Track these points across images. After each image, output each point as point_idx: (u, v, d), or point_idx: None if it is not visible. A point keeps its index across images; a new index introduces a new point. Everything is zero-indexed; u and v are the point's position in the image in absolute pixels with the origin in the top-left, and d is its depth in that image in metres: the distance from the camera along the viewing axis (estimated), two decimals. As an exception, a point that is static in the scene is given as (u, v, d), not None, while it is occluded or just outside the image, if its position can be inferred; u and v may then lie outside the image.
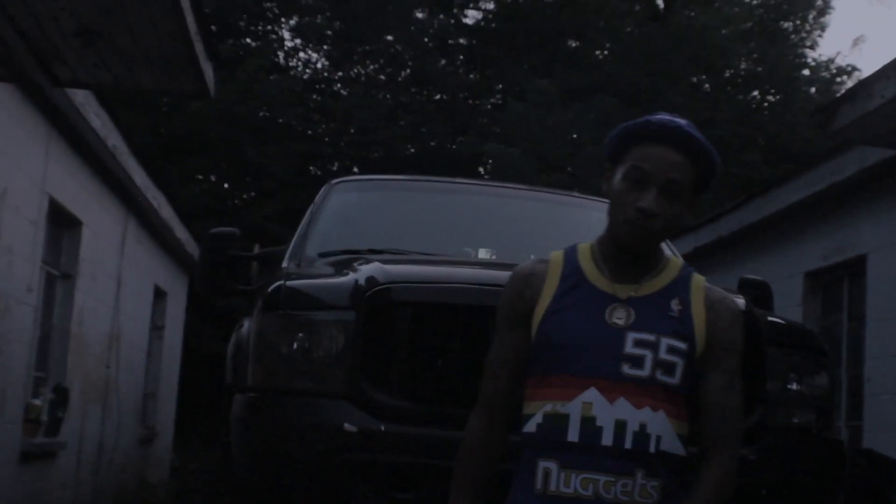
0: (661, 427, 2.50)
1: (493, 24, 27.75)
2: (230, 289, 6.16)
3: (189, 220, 14.91)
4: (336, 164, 26.46)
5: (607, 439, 2.47)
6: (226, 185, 22.04)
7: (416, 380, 4.49)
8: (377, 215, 6.68)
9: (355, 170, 25.65)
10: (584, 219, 6.76)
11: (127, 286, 11.40)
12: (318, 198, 6.85)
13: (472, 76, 28.34)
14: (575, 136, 20.93)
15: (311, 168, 25.53)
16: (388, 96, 26.53)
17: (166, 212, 12.17)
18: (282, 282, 4.87)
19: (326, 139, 25.30)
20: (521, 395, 2.65)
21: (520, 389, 2.65)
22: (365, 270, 4.78)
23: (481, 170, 24.51)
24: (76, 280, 9.44)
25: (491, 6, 28.49)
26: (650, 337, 2.53)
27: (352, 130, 24.82)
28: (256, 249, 11.18)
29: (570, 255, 2.71)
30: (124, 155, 9.79)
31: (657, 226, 2.53)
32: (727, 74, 24.22)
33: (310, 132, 24.09)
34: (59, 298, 9.35)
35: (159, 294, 13.79)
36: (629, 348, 2.52)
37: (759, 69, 23.93)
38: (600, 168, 20.05)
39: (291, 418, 4.51)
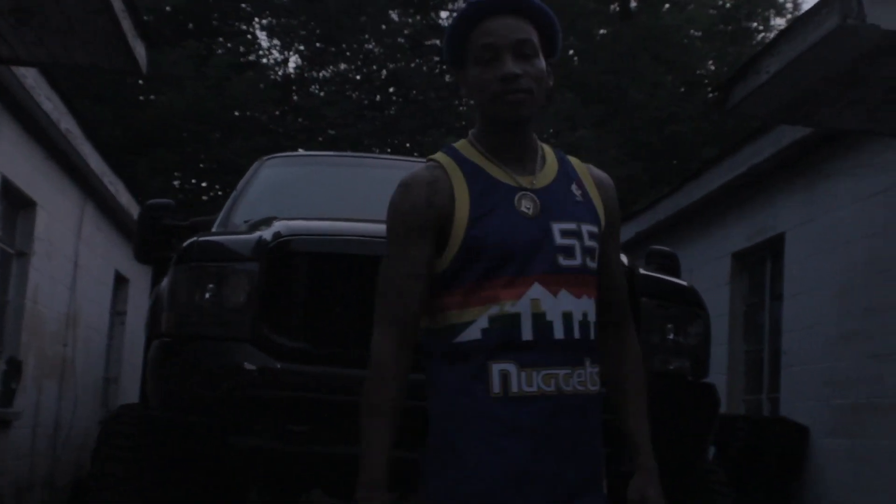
0: (594, 314, 2.51)
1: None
2: (164, 257, 6.51)
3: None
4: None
5: (558, 333, 2.42)
6: (193, 181, 22.31)
7: (311, 323, 4.89)
8: (302, 187, 7.06)
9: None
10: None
11: (85, 269, 11.73)
12: (248, 172, 7.26)
13: (447, 78, 28.67)
14: (537, 129, 21.26)
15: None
16: (361, 95, 26.82)
17: (125, 198, 12.50)
18: (195, 238, 5.30)
19: (299, 136, 25.59)
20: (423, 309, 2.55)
21: (425, 304, 2.54)
22: (273, 227, 5.20)
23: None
24: (31, 259, 9.76)
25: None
26: (572, 226, 2.50)
27: (331, 132, 25.12)
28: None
29: (458, 156, 2.58)
30: (78, 139, 10.12)
31: (525, 85, 2.45)
32: (692, 73, 24.60)
33: (281, 129, 24.36)
34: (14, 275, 9.68)
35: (121, 280, 14.12)
36: (559, 240, 2.48)
37: (725, 69, 24.32)
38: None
39: (199, 360, 4.91)
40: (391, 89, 27.89)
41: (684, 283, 5.70)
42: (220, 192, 22.76)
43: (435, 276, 2.51)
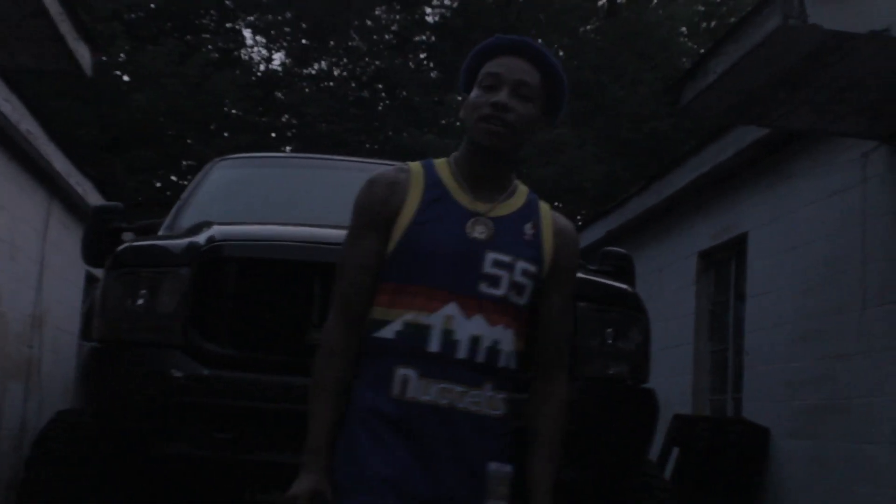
0: (508, 344, 2.70)
1: (451, 23, 28.04)
2: (111, 259, 6.45)
3: (135, 211, 15.13)
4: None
5: (462, 353, 2.62)
6: (173, 178, 22.27)
7: (241, 330, 4.84)
8: (253, 190, 7.00)
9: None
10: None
11: (51, 269, 11.66)
12: (199, 174, 7.19)
13: (432, 74, 28.63)
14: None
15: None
16: (346, 92, 26.78)
17: (94, 198, 12.43)
18: (128, 243, 5.25)
19: (282, 131, 25.55)
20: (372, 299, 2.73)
21: (373, 294, 2.73)
22: (207, 231, 5.15)
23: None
24: (-8, 260, 9.73)
25: (448, 1, 28.81)
26: (507, 258, 2.69)
27: (305, 123, 25.07)
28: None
29: (429, 168, 2.82)
30: (41, 140, 10.06)
31: (510, 119, 2.67)
32: (673, 70, 24.56)
33: (261, 123, 24.31)
34: (-25, 278, 9.64)
35: (92, 279, 14.03)
36: (488, 268, 2.67)
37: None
38: (542, 158, 20.25)
39: (128, 367, 4.86)
40: (379, 85, 27.84)
41: (624, 286, 5.64)
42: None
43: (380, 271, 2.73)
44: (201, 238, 5.05)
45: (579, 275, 5.32)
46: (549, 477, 2.76)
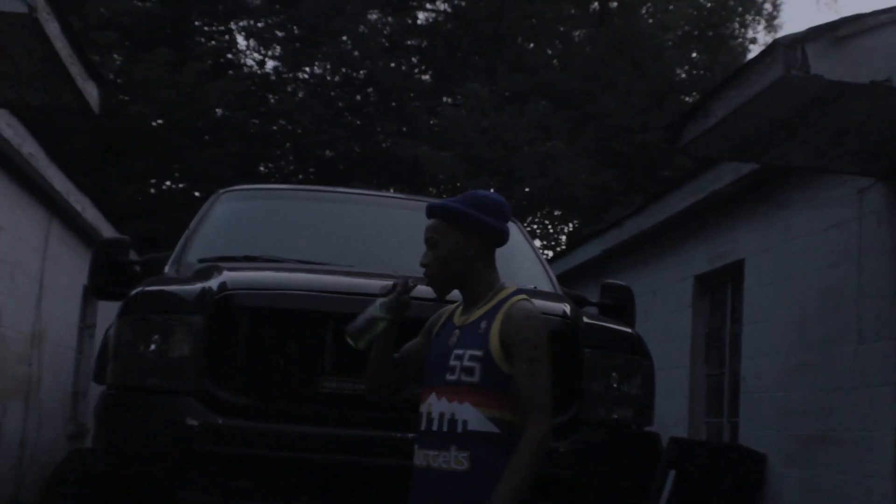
0: (467, 414, 3.43)
1: (448, 26, 28.07)
2: (118, 292, 6.49)
3: (129, 220, 15.23)
4: (282, 163, 26.78)
5: (434, 426, 3.47)
6: (165, 185, 22.27)
7: (255, 378, 4.91)
8: (259, 223, 7.02)
9: (312, 170, 26.04)
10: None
11: (51, 287, 11.72)
12: (204, 206, 7.21)
13: (424, 78, 28.68)
14: (510, 138, 21.27)
15: (261, 168, 25.83)
16: (337, 98, 26.81)
17: (91, 214, 12.48)
18: (141, 288, 5.30)
19: (276, 138, 25.58)
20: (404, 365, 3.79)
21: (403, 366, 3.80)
22: (217, 277, 5.20)
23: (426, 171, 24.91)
24: (-7, 282, 9.78)
25: (443, 6, 28.86)
26: (460, 351, 3.49)
27: (298, 131, 25.11)
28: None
29: (460, 304, 3.68)
30: (42, 161, 10.13)
31: (430, 270, 3.59)
32: (666, 80, 24.62)
33: (254, 131, 24.32)
34: (-24, 300, 9.69)
35: (90, 294, 14.10)
36: (450, 362, 3.50)
37: (705, 73, 24.38)
38: (534, 170, 20.26)
39: (142, 413, 4.93)
40: (369, 90, 27.87)
41: (629, 330, 5.73)
42: (196, 195, 22.77)
43: None
44: (213, 284, 5.11)
45: (585, 320, 5.44)
46: (505, 489, 3.30)
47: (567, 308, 5.38)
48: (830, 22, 5.55)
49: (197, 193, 22.85)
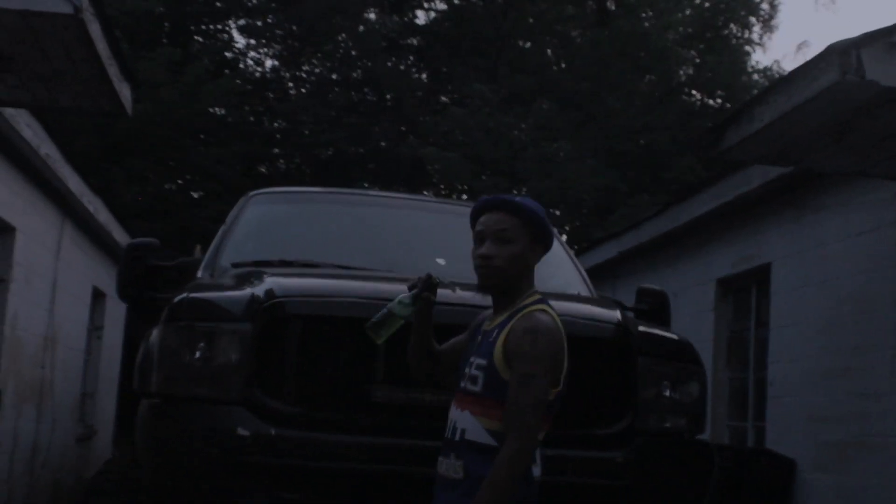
0: (465, 423, 3.43)
1: (441, 27, 27.99)
2: (148, 297, 6.38)
3: (132, 220, 15.11)
4: (283, 163, 26.67)
5: (448, 432, 3.50)
6: (167, 186, 22.14)
7: (306, 387, 4.81)
8: (291, 227, 6.94)
9: (307, 170, 25.94)
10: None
11: (63, 289, 11.61)
12: (234, 209, 7.11)
13: (422, 77, 28.58)
14: (515, 139, 21.21)
15: (261, 168, 25.73)
16: (336, 97, 26.71)
17: (103, 216, 12.38)
18: (185, 294, 5.18)
19: (276, 137, 25.47)
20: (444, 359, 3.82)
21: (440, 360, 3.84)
22: (264, 284, 5.09)
23: (430, 170, 24.83)
24: (10, 285, 9.64)
25: (442, 6, 28.79)
26: (473, 359, 3.49)
27: (306, 132, 25.00)
28: (198, 251, 11.39)
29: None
30: (58, 163, 10.01)
31: (495, 263, 3.48)
32: (677, 82, 24.56)
33: (256, 131, 24.22)
34: (-8, 303, 9.57)
35: (98, 295, 14.00)
36: (464, 368, 3.53)
37: (708, 74, 24.32)
38: (539, 170, 20.25)
39: (190, 423, 4.81)
40: (365, 90, 27.76)
41: (681, 338, 5.65)
42: (198, 195, 22.68)
43: None
44: (259, 291, 5.00)
45: (640, 328, 5.35)
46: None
47: (621, 315, 5.29)
48: (886, 27, 5.47)
49: (195, 194, 22.81)
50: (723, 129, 6.68)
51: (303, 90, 27.29)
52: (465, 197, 21.81)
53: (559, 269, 6.72)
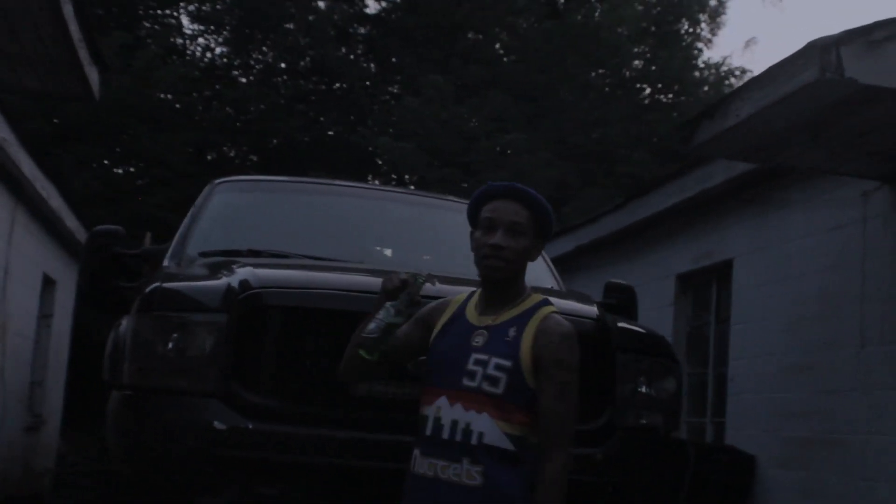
0: (483, 426, 3.24)
1: (393, 16, 27.86)
2: (113, 286, 6.26)
3: (81, 207, 14.86)
4: (233, 151, 26.43)
5: (445, 434, 3.28)
6: (116, 171, 21.86)
7: (283, 380, 4.71)
8: (257, 216, 6.83)
9: (254, 158, 25.76)
10: (461, 222, 7.07)
11: (14, 275, 11.40)
12: (200, 198, 6.98)
13: (371, 66, 28.42)
14: (469, 130, 21.15)
15: (207, 156, 25.48)
16: (285, 86, 26.51)
17: (56, 202, 12.18)
18: (158, 283, 5.06)
19: (225, 125, 25.23)
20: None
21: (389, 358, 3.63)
22: (238, 274, 4.98)
23: (378, 161, 24.71)
24: (-40, 271, 9.46)
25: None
26: (484, 357, 3.29)
27: (252, 120, 24.79)
28: (148, 239, 11.22)
29: (468, 297, 3.52)
30: (14, 147, 9.81)
31: (506, 255, 3.32)
32: (626, 75, 24.62)
33: (205, 119, 23.97)
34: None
35: (48, 282, 13.78)
36: (469, 366, 3.29)
37: (653, 68, 24.43)
38: (494, 162, 20.22)
39: (164, 416, 4.70)
40: (313, 78, 27.57)
41: (658, 334, 5.63)
42: (141, 182, 22.39)
43: None
44: (235, 281, 4.90)
45: (620, 324, 5.32)
46: None
47: (599, 311, 5.25)
48: (865, 25, 5.49)
49: (140, 182, 22.54)
50: (696, 123, 6.67)
51: (251, 77, 27.05)
52: (412, 187, 21.75)
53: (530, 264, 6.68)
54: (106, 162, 21.55)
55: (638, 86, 24.96)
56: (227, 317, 4.73)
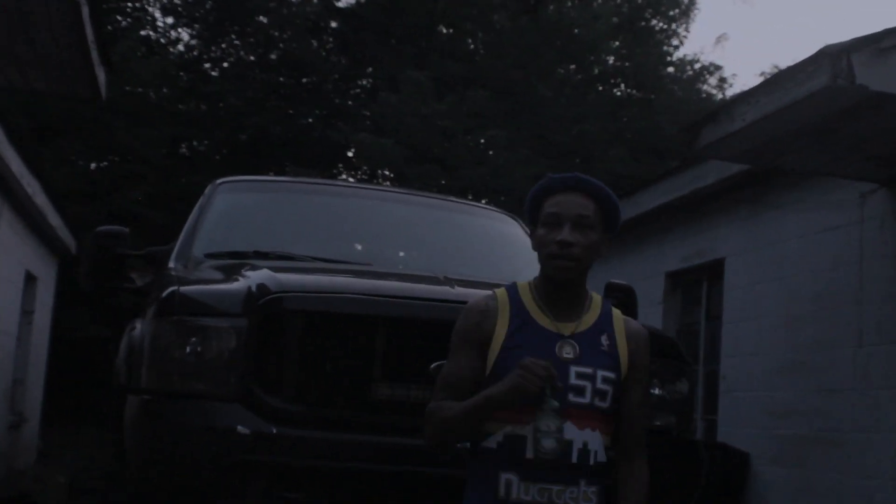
0: (597, 444, 3.05)
1: (368, 11, 27.78)
2: (117, 287, 6.24)
3: (61, 202, 14.78)
4: (203, 145, 26.31)
5: (575, 457, 3.00)
6: (93, 166, 21.72)
7: (306, 384, 4.71)
8: (261, 217, 6.83)
9: (225, 152, 25.65)
10: (465, 223, 7.10)
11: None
12: (202, 198, 6.97)
13: (342, 61, 28.32)
14: (447, 127, 21.14)
15: (181, 149, 25.36)
16: (259, 79, 26.41)
17: (40, 199, 12.10)
18: (175, 287, 5.05)
19: (203, 120, 25.12)
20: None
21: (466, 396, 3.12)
22: (256, 277, 4.98)
23: (350, 155, 24.66)
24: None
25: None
26: (588, 370, 3.05)
27: (224, 115, 24.68)
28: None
29: (514, 294, 3.18)
30: (3, 144, 9.75)
31: (576, 253, 3.04)
32: (596, 71, 24.71)
33: (180, 111, 23.86)
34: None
35: (30, 279, 13.69)
36: (573, 380, 3.03)
37: (627, 64, 24.54)
38: (472, 159, 20.20)
39: (185, 420, 4.68)
40: (285, 71, 27.47)
41: (670, 336, 5.68)
42: (114, 176, 22.26)
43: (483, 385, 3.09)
44: (253, 285, 4.91)
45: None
46: None
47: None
48: (875, 33, 5.55)
49: (115, 176, 22.41)
50: (700, 127, 6.72)
51: (224, 65, 26.95)
52: (387, 183, 21.73)
53: (531, 260, 6.72)
54: (81, 163, 21.36)
55: (612, 81, 25.04)
56: (247, 321, 4.73)
